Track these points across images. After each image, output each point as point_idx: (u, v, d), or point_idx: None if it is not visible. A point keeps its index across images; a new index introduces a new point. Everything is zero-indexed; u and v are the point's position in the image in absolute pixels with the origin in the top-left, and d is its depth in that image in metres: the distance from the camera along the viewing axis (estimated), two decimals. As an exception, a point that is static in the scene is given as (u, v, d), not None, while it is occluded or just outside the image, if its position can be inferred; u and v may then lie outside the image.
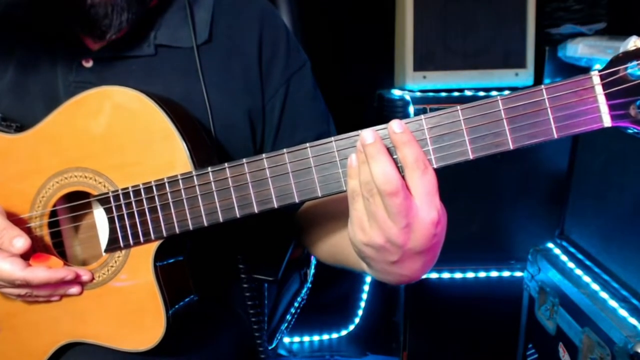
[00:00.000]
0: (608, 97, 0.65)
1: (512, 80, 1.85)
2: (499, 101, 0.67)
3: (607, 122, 0.65)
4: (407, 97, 1.81)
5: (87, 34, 0.93)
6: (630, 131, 0.65)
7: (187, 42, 0.96)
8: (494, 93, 1.84)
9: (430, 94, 1.84)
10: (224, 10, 1.00)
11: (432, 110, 1.79)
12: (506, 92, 1.83)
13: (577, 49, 1.75)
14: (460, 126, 0.68)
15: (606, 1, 1.86)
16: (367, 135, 0.67)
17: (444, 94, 1.84)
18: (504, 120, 0.67)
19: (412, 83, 1.85)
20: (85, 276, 0.85)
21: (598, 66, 1.66)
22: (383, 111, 1.94)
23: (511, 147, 0.68)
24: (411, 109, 1.79)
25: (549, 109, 0.66)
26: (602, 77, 0.65)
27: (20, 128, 0.91)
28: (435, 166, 0.69)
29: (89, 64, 0.95)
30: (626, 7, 1.88)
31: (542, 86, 0.66)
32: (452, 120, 0.68)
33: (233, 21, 1.00)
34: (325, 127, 1.08)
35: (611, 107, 0.65)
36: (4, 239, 0.82)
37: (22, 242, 0.82)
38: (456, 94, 1.85)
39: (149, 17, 0.97)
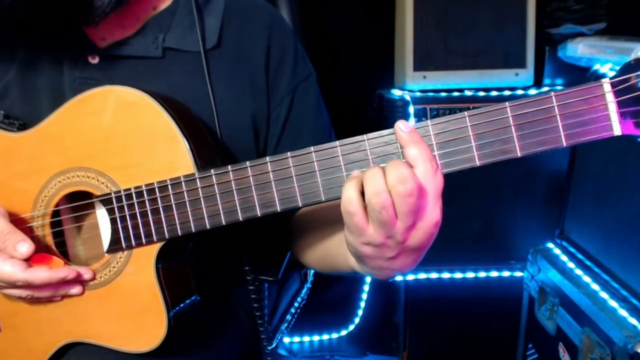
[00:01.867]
0: (619, 105, 0.64)
1: (512, 80, 1.84)
2: (507, 108, 0.67)
3: (617, 130, 0.65)
4: (407, 97, 1.81)
5: (84, 15, 0.90)
6: None
7: (196, 47, 0.96)
8: (494, 93, 1.84)
9: (430, 94, 1.84)
10: (234, 16, 1.00)
11: (432, 110, 1.80)
12: (506, 92, 1.84)
13: (577, 49, 1.75)
14: (467, 132, 0.68)
15: (606, 1, 1.86)
16: None
17: (444, 94, 1.84)
18: (512, 127, 0.67)
19: (412, 83, 1.85)
20: (86, 275, 0.84)
21: (603, 65, 1.65)
22: (383, 111, 1.93)
23: (519, 154, 0.67)
24: (411, 109, 1.79)
25: (558, 117, 0.66)
26: (613, 85, 0.64)
27: (23, 126, 0.91)
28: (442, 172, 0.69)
29: (95, 60, 0.95)
30: (626, 7, 1.88)
31: (552, 93, 0.66)
32: (459, 126, 0.68)
33: (242, 28, 1.00)
34: (327, 138, 1.07)
35: (622, 115, 0.64)
36: (7, 244, 0.82)
37: (26, 247, 0.82)
38: (456, 94, 1.84)
39: (158, 19, 0.96)
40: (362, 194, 0.68)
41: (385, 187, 0.65)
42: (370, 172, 0.67)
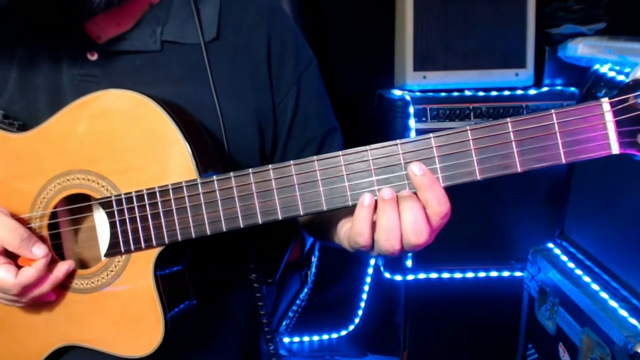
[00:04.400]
0: (618, 124, 0.66)
1: (512, 80, 1.84)
2: (509, 123, 0.68)
3: (615, 149, 0.66)
4: (407, 97, 1.81)
5: (74, 11, 0.89)
6: (637, 158, 0.66)
7: (194, 39, 0.95)
8: (493, 93, 1.84)
9: (430, 94, 1.84)
10: (231, 6, 0.99)
11: (432, 110, 1.80)
12: (506, 92, 1.83)
13: (577, 49, 1.75)
14: (469, 146, 0.69)
15: (606, 1, 1.85)
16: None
17: (444, 94, 1.84)
18: (513, 143, 0.68)
19: (412, 83, 1.85)
20: (64, 266, 0.85)
21: (603, 65, 1.64)
22: (383, 111, 1.93)
23: (519, 169, 0.69)
24: (411, 109, 1.79)
25: (558, 134, 0.67)
26: (612, 105, 0.66)
27: (23, 127, 0.90)
28: (442, 185, 0.71)
29: (94, 57, 0.94)
30: (626, 7, 1.88)
31: (552, 110, 0.67)
32: (460, 140, 0.69)
33: (241, 18, 0.99)
34: (332, 122, 1.09)
35: (620, 135, 0.66)
36: (25, 247, 0.83)
37: (42, 249, 0.83)
38: (456, 94, 1.84)
39: (155, 13, 0.95)
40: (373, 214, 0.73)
41: (398, 232, 0.72)
42: (384, 209, 0.72)
